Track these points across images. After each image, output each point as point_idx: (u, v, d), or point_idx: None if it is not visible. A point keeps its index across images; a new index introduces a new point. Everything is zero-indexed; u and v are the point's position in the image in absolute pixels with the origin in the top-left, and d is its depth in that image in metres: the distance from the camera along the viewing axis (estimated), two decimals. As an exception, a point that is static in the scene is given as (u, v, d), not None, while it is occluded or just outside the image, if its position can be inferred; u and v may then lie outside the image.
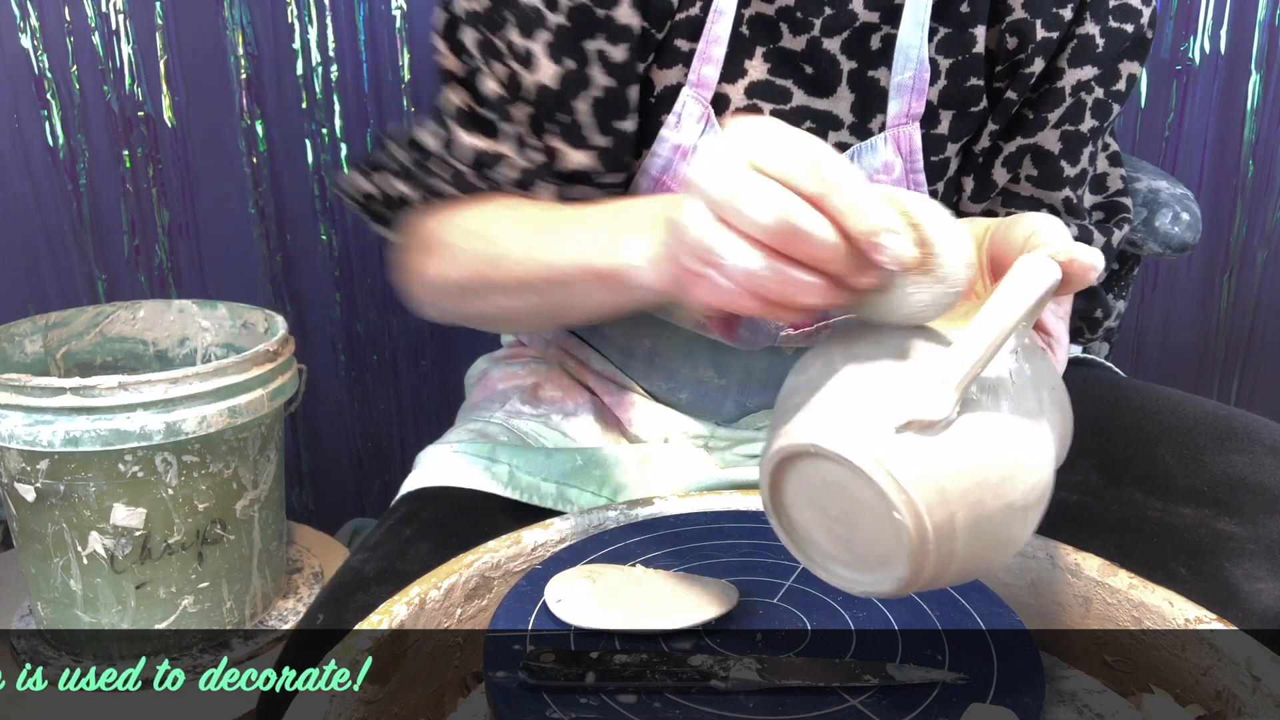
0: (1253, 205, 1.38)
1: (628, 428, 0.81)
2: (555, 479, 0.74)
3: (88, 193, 1.21)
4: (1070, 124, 0.72)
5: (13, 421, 0.80)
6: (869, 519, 0.43)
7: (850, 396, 0.44)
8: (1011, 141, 0.73)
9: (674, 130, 0.70)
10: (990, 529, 0.43)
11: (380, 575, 0.64)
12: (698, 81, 0.69)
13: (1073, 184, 0.74)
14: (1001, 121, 0.72)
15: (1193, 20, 1.31)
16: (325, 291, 1.32)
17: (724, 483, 0.75)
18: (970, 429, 0.42)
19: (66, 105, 1.18)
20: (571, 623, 0.49)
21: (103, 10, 1.16)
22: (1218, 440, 0.66)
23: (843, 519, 0.44)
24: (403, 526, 0.69)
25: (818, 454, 0.43)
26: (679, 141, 0.70)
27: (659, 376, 0.81)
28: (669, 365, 0.80)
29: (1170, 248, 0.91)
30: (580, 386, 0.84)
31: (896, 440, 0.41)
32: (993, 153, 0.74)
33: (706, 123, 0.70)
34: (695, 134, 0.70)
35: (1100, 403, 0.73)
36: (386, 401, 1.39)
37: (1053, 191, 0.74)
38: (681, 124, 0.70)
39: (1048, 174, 0.73)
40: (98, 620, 0.87)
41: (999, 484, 0.42)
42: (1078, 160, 0.73)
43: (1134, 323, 1.44)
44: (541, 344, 0.88)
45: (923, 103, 0.69)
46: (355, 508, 1.44)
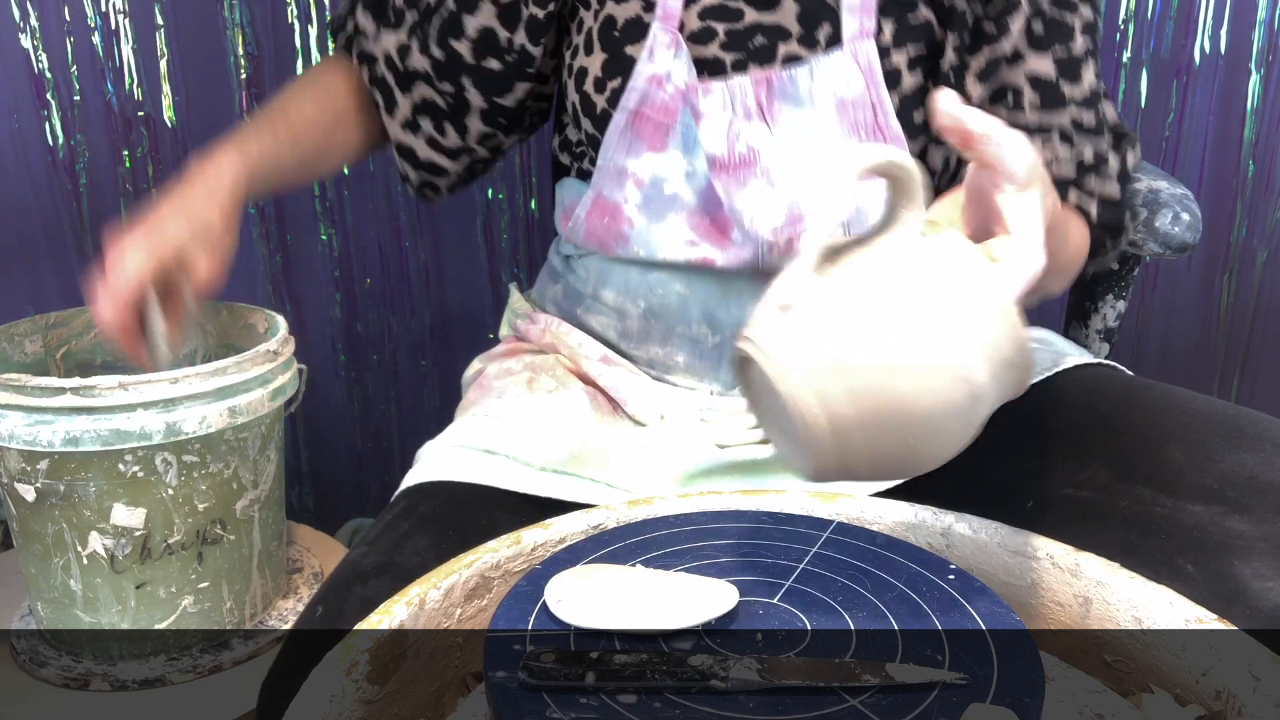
0: (1253, 205, 1.39)
1: (624, 408, 0.82)
2: (554, 468, 0.74)
3: (88, 193, 1.21)
4: (1060, 45, 0.77)
5: (13, 421, 0.80)
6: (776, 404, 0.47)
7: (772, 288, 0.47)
8: (979, 55, 0.78)
9: (649, 63, 0.77)
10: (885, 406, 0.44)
11: (379, 569, 0.64)
12: (664, 15, 0.77)
13: (1079, 105, 0.77)
14: (958, 31, 0.77)
15: (1193, 20, 1.31)
16: (325, 291, 1.32)
17: (723, 465, 0.76)
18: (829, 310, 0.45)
19: (66, 105, 1.18)
20: (571, 623, 0.49)
21: (103, 10, 1.16)
22: (1229, 438, 0.66)
23: (775, 409, 0.48)
24: (401, 520, 0.69)
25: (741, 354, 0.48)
26: (654, 72, 0.77)
27: (654, 340, 0.83)
28: (664, 326, 0.82)
29: (1170, 248, 0.91)
30: (575, 376, 0.85)
31: (770, 322, 0.46)
32: (962, 68, 0.78)
33: (677, 49, 0.77)
34: (668, 60, 0.77)
35: (1110, 400, 0.73)
36: (386, 401, 1.39)
37: (1058, 110, 0.77)
38: (655, 56, 0.77)
39: (1045, 92, 0.77)
40: (98, 620, 0.87)
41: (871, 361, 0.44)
42: (1079, 80, 0.78)
43: (1134, 323, 1.44)
44: (538, 332, 0.90)
45: (873, 18, 0.76)
46: (355, 508, 1.44)
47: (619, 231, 0.82)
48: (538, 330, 0.90)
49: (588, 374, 0.85)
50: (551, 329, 0.89)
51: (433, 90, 0.86)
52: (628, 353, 0.86)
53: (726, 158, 0.77)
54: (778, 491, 0.65)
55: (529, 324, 0.92)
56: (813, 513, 0.64)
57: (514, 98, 0.86)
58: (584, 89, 0.82)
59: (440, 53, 0.84)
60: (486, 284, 1.38)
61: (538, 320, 0.91)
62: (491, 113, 0.87)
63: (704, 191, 0.79)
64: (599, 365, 0.85)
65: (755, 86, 0.77)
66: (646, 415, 0.81)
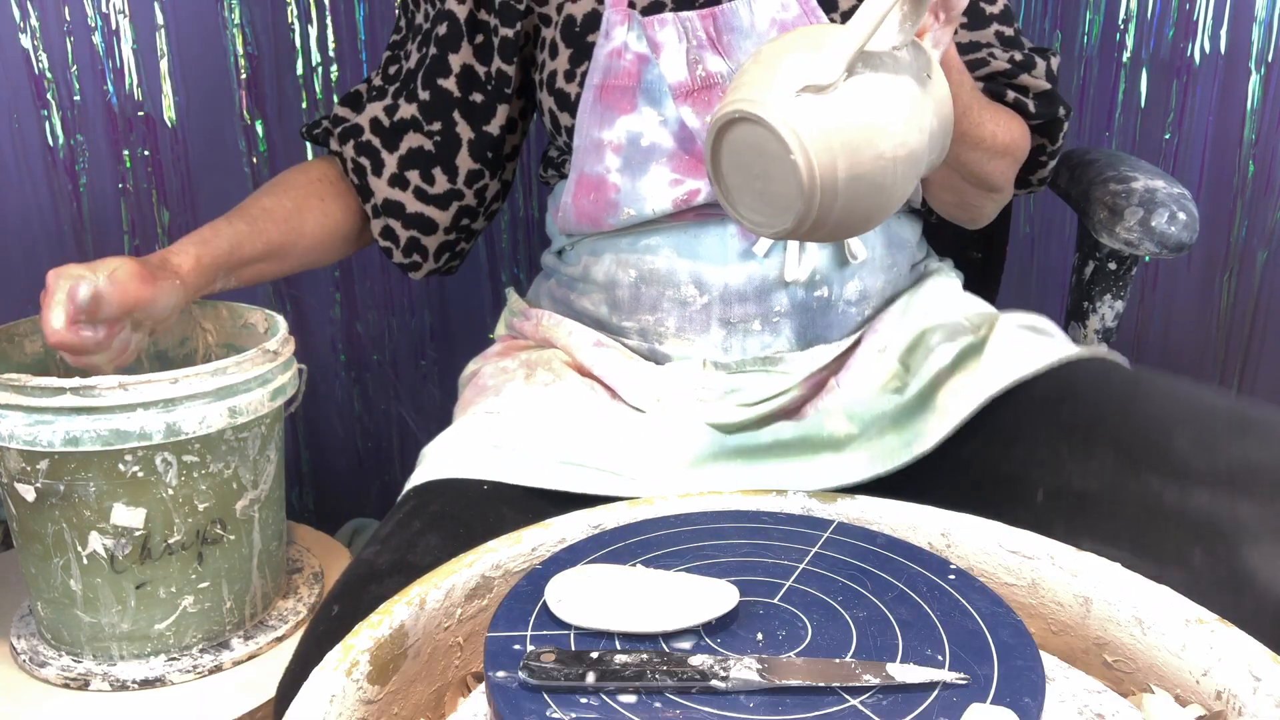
0: (1253, 205, 1.38)
1: (619, 395, 0.84)
2: (557, 460, 0.75)
3: (88, 193, 1.21)
4: None
5: (13, 421, 0.80)
6: (775, 169, 0.56)
7: (765, 72, 0.57)
8: None
9: (605, 42, 0.83)
10: (864, 175, 0.56)
11: (393, 567, 0.65)
12: (612, 1, 0.83)
13: (1000, 19, 0.88)
14: None
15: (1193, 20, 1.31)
16: (325, 291, 1.32)
17: (725, 450, 0.77)
18: (852, 92, 0.55)
19: (66, 105, 1.18)
20: (571, 623, 0.50)
21: (103, 10, 1.16)
22: (1236, 428, 0.67)
23: (760, 174, 0.58)
24: (412, 519, 0.70)
25: (742, 117, 0.56)
26: (612, 47, 0.83)
27: (644, 309, 0.86)
28: (654, 291, 0.85)
29: (1167, 248, 0.90)
30: (570, 368, 0.86)
31: (797, 100, 0.55)
32: None
33: (629, 21, 0.82)
34: (623, 34, 0.82)
35: (1117, 391, 0.73)
36: (386, 401, 1.39)
37: (983, 29, 0.87)
38: (611, 35, 0.83)
39: (971, 13, 0.87)
40: (98, 620, 0.87)
41: (873, 137, 0.55)
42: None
43: (1134, 323, 1.44)
44: (532, 327, 0.93)
45: None
46: (355, 508, 1.44)
47: (606, 200, 0.84)
48: (531, 326, 0.93)
49: (582, 364, 0.87)
50: (544, 323, 0.91)
51: (421, 135, 0.92)
52: (620, 326, 0.88)
53: (690, 82, 0.82)
54: (778, 491, 0.65)
55: (523, 321, 0.94)
56: (812, 513, 0.64)
57: (497, 123, 0.93)
58: (556, 87, 0.86)
59: (427, 94, 0.92)
60: (486, 284, 1.38)
61: (531, 316, 0.93)
62: (479, 144, 0.93)
63: (678, 133, 0.82)
64: (592, 353, 0.86)
65: (703, 21, 0.82)
66: (642, 400, 0.82)
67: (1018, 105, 0.85)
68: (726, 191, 0.61)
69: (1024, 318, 0.85)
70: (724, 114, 0.57)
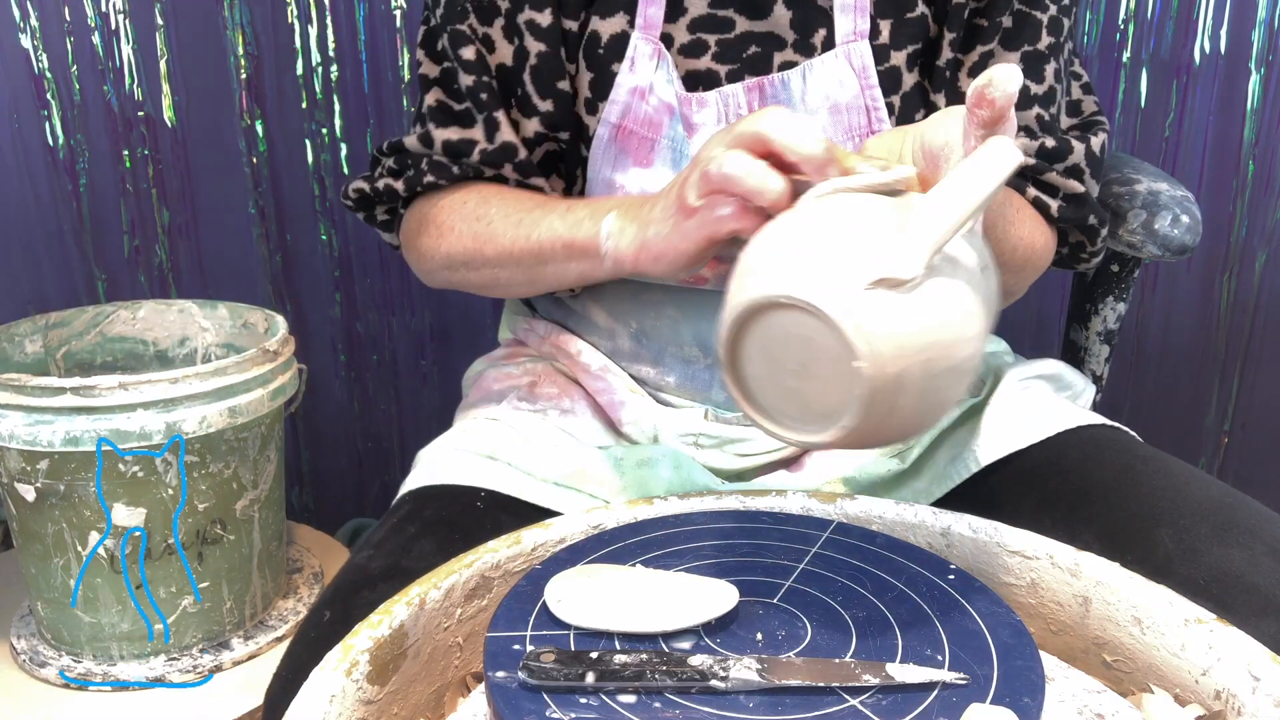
0: (1253, 205, 1.38)
1: (619, 427, 0.82)
2: (554, 480, 0.74)
3: (87, 193, 1.21)
4: (1029, 44, 0.77)
5: (13, 421, 0.80)
6: (827, 370, 0.46)
7: (822, 252, 0.46)
8: (973, 52, 0.77)
9: (629, 74, 0.76)
10: (933, 387, 0.46)
11: (386, 573, 0.64)
12: (644, 24, 0.75)
13: (1041, 102, 0.78)
14: (956, 29, 0.76)
15: (1193, 20, 1.31)
16: (325, 291, 1.32)
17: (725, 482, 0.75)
18: (931, 292, 0.46)
19: (66, 105, 1.18)
20: (571, 623, 0.50)
21: (103, 10, 1.16)
22: (1219, 530, 0.65)
23: (799, 371, 0.47)
24: (406, 524, 0.69)
25: (790, 305, 0.46)
26: (635, 84, 0.75)
27: (646, 361, 0.82)
28: (656, 346, 0.81)
29: (1169, 250, 0.90)
30: (575, 384, 0.84)
31: (867, 295, 0.45)
32: (956, 65, 0.78)
33: (659, 59, 0.75)
34: (650, 72, 0.75)
35: (1108, 471, 0.72)
36: (386, 401, 1.39)
37: (1023, 111, 0.78)
38: (636, 66, 0.75)
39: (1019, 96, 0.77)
40: (98, 620, 0.87)
41: (948, 346, 0.46)
42: (1042, 78, 0.78)
43: (1134, 323, 1.44)
44: (537, 340, 0.89)
45: (867, 19, 0.75)
46: (355, 508, 1.44)
47: None
48: (536, 338, 0.89)
49: (585, 386, 0.84)
50: (551, 338, 0.87)
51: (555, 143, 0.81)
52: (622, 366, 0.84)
53: None
54: (778, 491, 0.65)
55: (528, 331, 0.91)
56: (812, 513, 0.64)
57: None
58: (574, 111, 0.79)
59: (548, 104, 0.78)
60: (486, 284, 1.38)
61: (536, 327, 0.90)
62: None
63: None
64: (595, 379, 0.83)
65: (748, 94, 0.76)
66: (640, 434, 0.81)
67: (1037, 204, 0.78)
68: (742, 381, 0.50)
69: (1032, 367, 0.83)
70: (764, 297, 0.46)
